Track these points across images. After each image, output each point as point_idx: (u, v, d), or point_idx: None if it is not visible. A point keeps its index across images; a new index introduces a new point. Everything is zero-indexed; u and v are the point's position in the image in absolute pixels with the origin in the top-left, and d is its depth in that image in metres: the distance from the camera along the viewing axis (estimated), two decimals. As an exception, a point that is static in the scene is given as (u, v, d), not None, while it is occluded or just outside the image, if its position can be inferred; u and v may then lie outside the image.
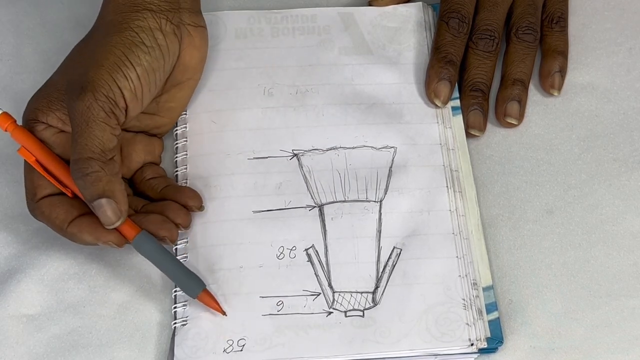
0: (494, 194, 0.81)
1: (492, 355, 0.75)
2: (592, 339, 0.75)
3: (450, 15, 0.85)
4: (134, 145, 0.80)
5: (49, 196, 0.75)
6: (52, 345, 0.76)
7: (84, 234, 0.74)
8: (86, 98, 0.73)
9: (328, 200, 0.79)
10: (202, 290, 0.75)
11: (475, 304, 0.75)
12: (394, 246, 0.77)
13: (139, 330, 0.76)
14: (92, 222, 0.74)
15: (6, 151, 0.84)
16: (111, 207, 0.73)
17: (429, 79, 0.84)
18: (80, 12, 0.91)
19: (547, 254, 0.79)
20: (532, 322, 0.76)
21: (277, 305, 0.75)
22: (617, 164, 0.82)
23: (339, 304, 0.75)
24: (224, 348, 0.74)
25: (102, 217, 0.73)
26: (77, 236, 0.74)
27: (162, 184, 0.79)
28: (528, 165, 0.83)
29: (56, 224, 0.75)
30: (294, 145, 0.82)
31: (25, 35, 0.91)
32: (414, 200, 0.79)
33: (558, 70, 0.86)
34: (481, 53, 0.85)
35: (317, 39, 0.87)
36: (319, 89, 0.84)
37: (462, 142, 0.83)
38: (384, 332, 0.74)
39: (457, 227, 0.78)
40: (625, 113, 0.85)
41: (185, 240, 0.78)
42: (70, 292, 0.78)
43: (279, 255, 0.77)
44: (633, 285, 0.77)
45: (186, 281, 0.75)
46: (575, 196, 0.81)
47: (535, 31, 0.86)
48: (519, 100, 0.84)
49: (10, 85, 0.88)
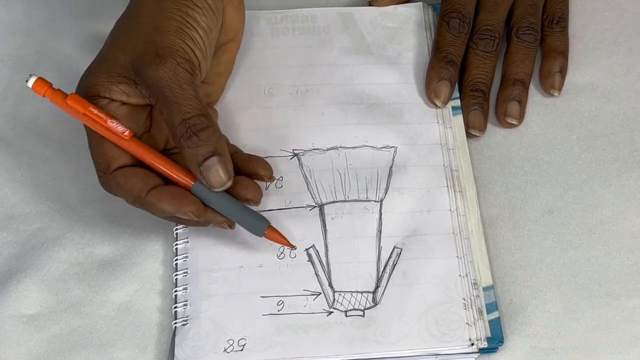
0: (494, 194, 0.81)
1: (493, 355, 0.75)
2: (592, 339, 0.75)
3: (451, 16, 0.85)
4: None
5: (122, 167, 0.74)
6: (52, 345, 0.76)
7: (163, 204, 0.73)
8: (168, 64, 0.72)
9: (328, 200, 0.79)
10: (267, 227, 0.74)
11: (475, 304, 0.75)
12: (395, 246, 0.77)
13: (139, 330, 0.76)
14: (172, 191, 0.73)
15: (6, 151, 0.84)
16: (223, 165, 0.72)
17: (429, 79, 0.84)
18: (81, 12, 0.91)
19: (547, 254, 0.79)
20: (532, 322, 0.76)
21: (277, 305, 0.75)
22: (617, 164, 0.82)
23: (339, 303, 0.75)
24: (224, 348, 0.74)
25: (213, 178, 0.72)
26: (156, 205, 0.73)
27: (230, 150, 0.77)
28: (528, 165, 0.83)
29: (133, 193, 0.73)
30: (294, 145, 0.82)
31: (25, 35, 0.91)
32: (414, 200, 0.79)
33: (558, 71, 0.86)
34: (481, 53, 0.85)
35: (317, 39, 0.87)
36: (319, 89, 0.85)
37: (463, 142, 0.83)
38: (384, 331, 0.74)
39: (458, 227, 0.78)
40: (625, 113, 0.85)
41: (185, 240, 0.78)
42: (70, 292, 0.78)
43: (279, 255, 0.77)
44: (633, 285, 0.77)
45: (251, 221, 0.74)
46: (575, 196, 0.81)
47: (536, 31, 0.86)
48: (519, 101, 0.84)
49: (10, 85, 0.88)
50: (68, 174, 0.83)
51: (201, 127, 0.72)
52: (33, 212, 0.82)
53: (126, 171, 0.74)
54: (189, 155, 0.72)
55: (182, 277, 0.77)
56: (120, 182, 0.74)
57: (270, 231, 0.75)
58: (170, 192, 0.73)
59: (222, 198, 0.74)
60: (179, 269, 0.77)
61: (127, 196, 0.74)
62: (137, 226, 0.81)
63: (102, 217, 0.81)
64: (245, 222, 0.75)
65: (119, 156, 0.74)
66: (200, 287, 0.76)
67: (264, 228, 0.75)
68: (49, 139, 0.85)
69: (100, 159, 0.74)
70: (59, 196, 0.82)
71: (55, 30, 0.91)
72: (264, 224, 0.75)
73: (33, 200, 0.82)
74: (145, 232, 0.80)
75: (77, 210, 0.82)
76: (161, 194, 0.73)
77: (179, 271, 0.77)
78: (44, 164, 0.84)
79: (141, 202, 0.74)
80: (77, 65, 0.88)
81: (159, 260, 0.79)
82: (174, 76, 0.72)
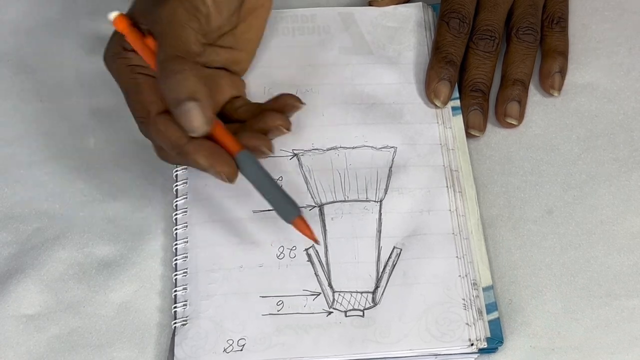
0: (494, 194, 0.81)
1: (492, 355, 0.75)
2: (592, 339, 0.75)
3: (451, 16, 0.85)
4: (218, 80, 0.79)
5: (163, 113, 0.74)
6: (52, 345, 0.76)
7: (200, 157, 0.72)
8: (170, 3, 0.73)
9: (328, 200, 0.79)
10: (297, 216, 0.74)
11: (475, 304, 0.75)
12: (394, 246, 0.77)
13: (139, 330, 0.76)
14: (211, 147, 0.73)
15: (6, 151, 0.84)
16: (198, 110, 0.70)
17: (429, 79, 0.84)
18: (81, 12, 0.91)
19: (547, 254, 0.79)
20: (532, 322, 0.76)
21: (277, 305, 0.75)
22: (617, 164, 0.82)
23: (339, 303, 0.75)
24: (224, 348, 0.74)
25: (187, 122, 0.71)
26: (192, 157, 0.73)
27: (256, 106, 0.78)
28: (528, 165, 0.83)
29: (172, 139, 0.73)
30: (294, 145, 0.82)
31: (25, 35, 0.91)
32: (414, 200, 0.79)
33: (558, 71, 0.86)
34: (481, 53, 0.85)
35: (317, 39, 0.87)
36: (319, 89, 0.84)
37: (462, 142, 0.83)
38: (384, 332, 0.74)
39: (457, 227, 0.78)
40: (625, 113, 0.85)
41: (185, 240, 0.78)
42: (70, 292, 0.78)
43: (279, 255, 0.77)
44: (633, 285, 0.77)
45: (283, 205, 0.74)
46: (575, 196, 0.81)
47: (536, 31, 0.86)
48: (519, 101, 0.84)
49: (10, 85, 0.88)
50: (68, 174, 0.83)
51: (176, 70, 0.71)
52: (33, 212, 0.82)
53: (167, 117, 0.73)
54: (168, 98, 0.71)
55: (181, 277, 0.77)
56: (162, 128, 0.73)
57: (300, 220, 0.74)
58: (209, 147, 0.73)
59: (262, 174, 0.73)
60: (179, 268, 0.78)
61: (167, 142, 0.73)
62: (137, 226, 0.81)
63: (102, 217, 0.81)
64: (277, 204, 0.74)
65: (159, 102, 0.74)
66: (199, 287, 0.76)
67: (294, 215, 0.74)
68: (49, 138, 0.85)
69: (139, 105, 0.74)
70: (59, 196, 0.82)
71: (55, 30, 0.91)
72: (295, 212, 0.74)
73: (33, 200, 0.82)
74: (145, 232, 0.80)
75: (77, 210, 0.82)
76: (201, 146, 0.73)
77: (179, 271, 0.77)
78: (44, 164, 0.84)
79: (179, 150, 0.73)
80: (77, 65, 0.88)
81: (159, 260, 0.79)
82: (170, 15, 0.73)
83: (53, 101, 0.87)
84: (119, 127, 0.85)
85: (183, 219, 0.79)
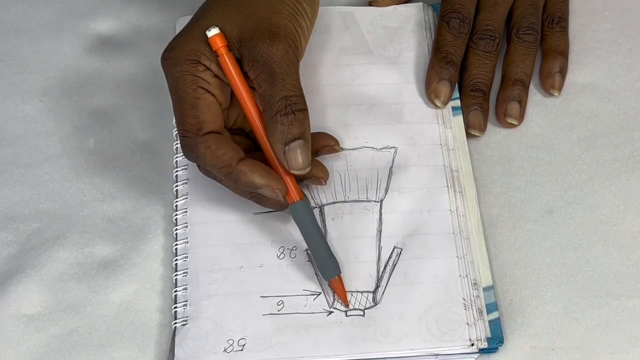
0: (494, 194, 0.81)
1: (493, 355, 0.75)
2: (592, 339, 0.75)
3: (451, 16, 0.85)
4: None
5: (214, 133, 0.74)
6: (52, 345, 0.76)
7: (255, 175, 0.73)
8: (282, 43, 0.74)
9: (328, 200, 0.79)
10: (337, 276, 0.75)
11: (475, 304, 0.75)
12: (395, 246, 0.77)
13: (139, 330, 0.76)
14: (264, 166, 0.74)
15: (6, 151, 0.84)
16: (306, 151, 0.73)
17: (429, 79, 0.84)
18: (81, 12, 0.91)
19: (547, 254, 0.79)
20: (532, 322, 0.76)
21: (277, 305, 0.75)
22: (617, 164, 0.82)
23: (339, 303, 0.75)
24: (224, 348, 0.74)
25: (292, 159, 0.73)
26: (246, 175, 0.73)
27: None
28: (528, 165, 0.83)
29: (224, 159, 0.74)
30: (294, 145, 0.82)
31: (25, 35, 0.91)
32: (415, 200, 0.79)
33: (558, 71, 0.86)
34: (481, 53, 0.85)
35: (317, 39, 0.87)
36: (319, 89, 0.84)
37: (463, 142, 0.83)
38: (385, 331, 0.74)
39: (458, 227, 0.78)
40: (625, 113, 0.85)
41: (185, 241, 0.78)
42: (70, 292, 0.78)
43: (280, 255, 0.77)
44: (633, 285, 0.77)
45: (326, 262, 0.75)
46: (575, 196, 0.81)
47: (536, 31, 0.86)
48: (519, 101, 0.84)
49: (10, 85, 0.88)
50: (68, 174, 0.83)
51: (299, 108, 0.73)
52: (33, 212, 0.82)
53: (218, 136, 0.74)
54: (280, 131, 0.73)
55: (182, 277, 0.77)
56: (212, 146, 0.74)
57: (339, 280, 0.75)
58: (262, 167, 0.74)
59: (314, 227, 0.75)
60: (179, 269, 0.77)
61: (216, 162, 0.74)
62: (137, 226, 0.81)
63: (102, 217, 0.81)
64: (321, 259, 0.75)
65: (212, 121, 0.74)
66: (200, 287, 0.76)
67: (334, 274, 0.75)
68: (49, 139, 0.85)
69: (193, 120, 0.74)
70: (59, 196, 0.82)
71: (55, 30, 0.91)
72: (336, 270, 0.75)
73: (33, 200, 0.82)
74: (145, 232, 0.80)
75: (77, 210, 0.82)
76: (255, 164, 0.74)
77: (179, 271, 0.77)
78: (44, 164, 0.84)
79: (229, 170, 0.74)
80: (77, 65, 0.88)
81: (159, 261, 0.79)
82: (285, 56, 0.74)
83: (53, 101, 0.87)
84: (119, 127, 0.85)
85: (183, 220, 0.79)
